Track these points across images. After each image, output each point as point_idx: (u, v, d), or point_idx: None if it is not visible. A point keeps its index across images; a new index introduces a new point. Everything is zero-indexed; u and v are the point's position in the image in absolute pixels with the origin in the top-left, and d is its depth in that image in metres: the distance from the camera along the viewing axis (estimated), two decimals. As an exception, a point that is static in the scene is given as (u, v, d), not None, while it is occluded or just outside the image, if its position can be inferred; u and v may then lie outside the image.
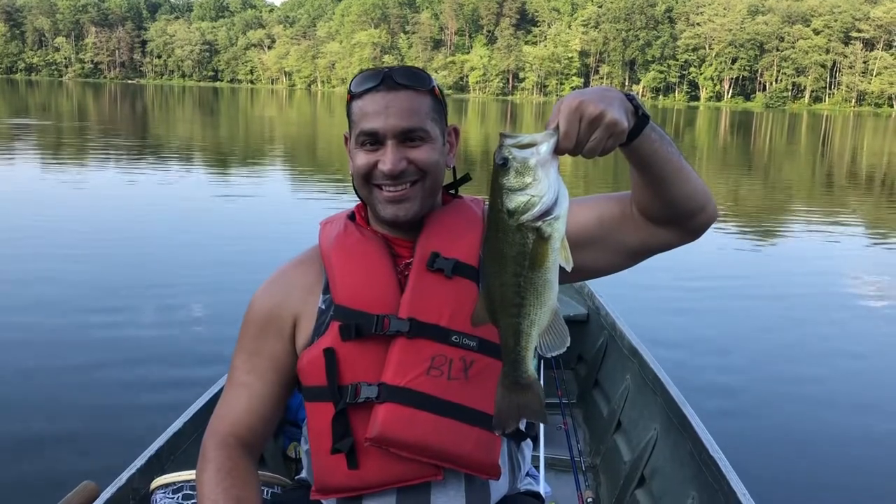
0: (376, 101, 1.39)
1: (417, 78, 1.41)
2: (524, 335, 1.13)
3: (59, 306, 5.94)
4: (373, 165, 1.40)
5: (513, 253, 1.08)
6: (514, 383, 1.19)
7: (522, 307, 1.11)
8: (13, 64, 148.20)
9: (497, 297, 1.12)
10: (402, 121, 1.39)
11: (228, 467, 1.41)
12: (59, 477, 3.12)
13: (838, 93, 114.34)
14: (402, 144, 1.40)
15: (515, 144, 1.06)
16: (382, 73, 1.40)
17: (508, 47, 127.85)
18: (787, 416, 4.49)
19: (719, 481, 2.06)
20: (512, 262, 1.08)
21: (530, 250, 1.07)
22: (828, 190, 17.22)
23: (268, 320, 1.50)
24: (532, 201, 1.05)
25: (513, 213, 1.06)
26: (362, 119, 1.40)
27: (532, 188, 1.05)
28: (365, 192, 1.46)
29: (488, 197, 1.11)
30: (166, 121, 36.41)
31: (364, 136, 1.40)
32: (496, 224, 1.08)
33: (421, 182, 1.43)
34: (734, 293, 7.22)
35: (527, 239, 1.06)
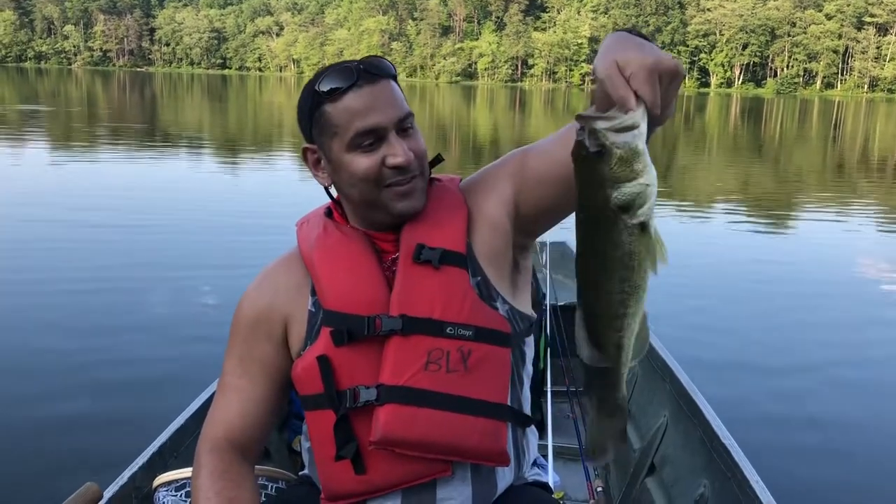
0: (364, 97, 1.31)
1: (386, 66, 1.35)
2: (625, 350, 1.01)
3: (60, 300, 5.92)
4: (380, 164, 1.33)
5: (619, 255, 0.94)
6: (611, 407, 1.10)
7: (626, 317, 0.99)
8: (22, 52, 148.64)
9: (602, 311, 0.99)
10: (397, 109, 1.33)
11: (221, 470, 1.39)
12: (61, 478, 3.12)
13: (850, 79, 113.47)
14: (400, 135, 1.35)
15: (612, 127, 0.90)
16: (355, 68, 1.32)
17: (517, 33, 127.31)
18: (799, 403, 4.47)
19: (731, 469, 2.04)
20: (619, 266, 0.95)
21: (638, 249, 0.93)
22: (839, 176, 17.10)
23: (257, 323, 1.45)
24: (648, 192, 0.91)
25: (627, 208, 0.91)
26: (354, 119, 1.31)
27: (645, 176, 0.90)
28: (372, 196, 1.37)
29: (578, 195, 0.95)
30: (175, 108, 36.51)
31: (362, 136, 1.32)
32: (596, 224, 0.94)
33: (421, 174, 1.39)
34: (744, 279, 7.19)
35: (634, 236, 0.92)
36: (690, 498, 2.24)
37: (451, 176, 1.55)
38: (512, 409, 1.40)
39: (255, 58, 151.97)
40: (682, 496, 2.32)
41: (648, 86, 0.94)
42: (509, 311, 1.41)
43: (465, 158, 16.84)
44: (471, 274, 1.38)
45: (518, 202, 1.41)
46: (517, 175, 1.40)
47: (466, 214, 1.43)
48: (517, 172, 1.40)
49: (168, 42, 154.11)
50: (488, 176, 1.48)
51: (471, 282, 1.38)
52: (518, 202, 1.41)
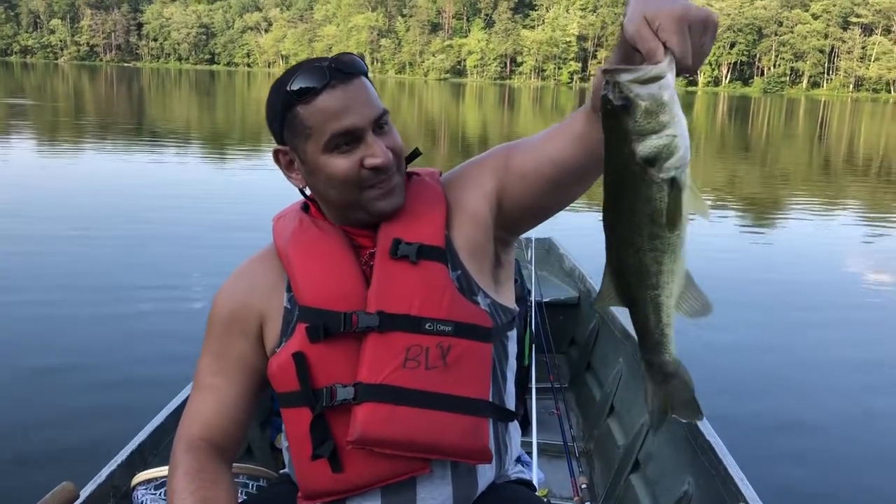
0: (338, 98, 1.28)
1: (358, 64, 1.32)
2: (664, 308, 0.99)
3: (39, 298, 5.86)
4: (358, 166, 1.30)
5: (648, 211, 0.92)
6: (659, 372, 1.07)
7: (661, 275, 0.96)
8: (8, 46, 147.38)
9: (632, 267, 0.97)
10: (372, 109, 1.31)
11: (196, 469, 1.36)
12: (36, 478, 3.08)
13: (836, 78, 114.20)
14: (376, 134, 1.32)
15: (636, 79, 0.88)
16: (327, 68, 1.29)
17: (506, 31, 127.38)
18: (783, 400, 4.49)
19: (716, 466, 2.04)
20: (648, 222, 0.92)
21: (668, 205, 0.91)
22: (825, 175, 17.21)
23: (232, 320, 1.43)
24: (675, 143, 0.89)
25: (653, 161, 0.89)
26: (329, 120, 1.28)
27: (672, 128, 0.88)
28: (351, 197, 1.35)
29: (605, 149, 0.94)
30: (162, 104, 36.28)
31: (338, 137, 1.29)
32: (622, 180, 0.92)
33: (398, 171, 1.37)
34: (729, 277, 7.20)
35: (664, 191, 0.90)
36: (674, 495, 2.24)
37: (430, 169, 1.53)
38: (493, 404, 1.39)
39: (243, 53, 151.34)
40: (666, 493, 2.32)
41: (677, 36, 0.92)
42: (491, 305, 1.39)
43: (454, 155, 16.82)
44: (450, 268, 1.37)
45: (500, 197, 1.39)
46: (500, 170, 1.39)
47: (445, 208, 1.41)
48: (501, 167, 1.39)
49: (156, 37, 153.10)
50: (471, 169, 1.46)
51: (450, 276, 1.36)
52: (500, 197, 1.39)
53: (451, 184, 1.46)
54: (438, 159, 14.74)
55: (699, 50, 0.96)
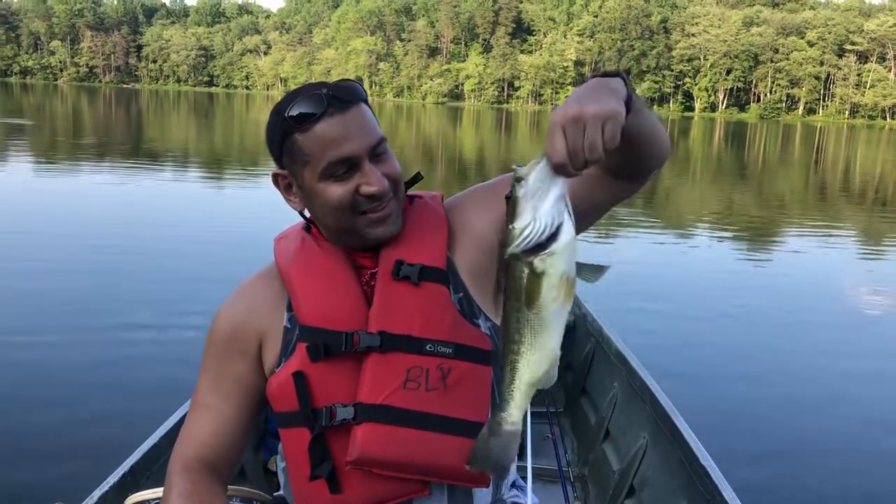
0: (335, 126, 1.29)
1: (357, 91, 1.33)
2: (518, 374, 1.09)
3: (37, 315, 5.87)
4: (353, 193, 1.31)
5: (512, 286, 1.04)
6: (497, 425, 1.15)
7: (520, 344, 1.07)
8: (8, 67, 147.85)
9: (502, 327, 1.09)
10: (369, 137, 1.31)
11: (190, 491, 1.34)
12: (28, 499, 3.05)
13: (832, 105, 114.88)
14: (373, 162, 1.33)
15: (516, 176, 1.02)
16: (325, 96, 1.30)
17: (504, 56, 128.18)
18: (780, 425, 4.48)
19: (711, 491, 2.02)
20: (511, 296, 1.05)
21: (523, 285, 1.03)
22: (821, 201, 17.27)
23: (231, 339, 1.42)
24: (513, 234, 1.01)
25: (500, 244, 1.05)
26: (326, 149, 1.29)
27: (518, 220, 1.01)
28: (347, 223, 1.35)
29: None
30: (161, 125, 36.38)
31: (336, 165, 1.30)
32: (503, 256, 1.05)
33: (395, 198, 1.37)
34: (726, 302, 7.22)
35: (521, 273, 1.02)
36: None
37: (432, 193, 1.53)
38: None
39: (242, 76, 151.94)
40: None
41: (548, 139, 1.01)
42: (491, 328, 1.38)
43: (451, 178, 16.88)
44: (452, 290, 1.37)
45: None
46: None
47: (447, 230, 1.41)
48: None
49: (155, 59, 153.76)
50: (478, 194, 1.48)
51: (452, 298, 1.36)
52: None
53: (458, 207, 1.47)
54: (436, 182, 14.78)
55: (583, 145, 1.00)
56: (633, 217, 12.16)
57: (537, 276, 1.02)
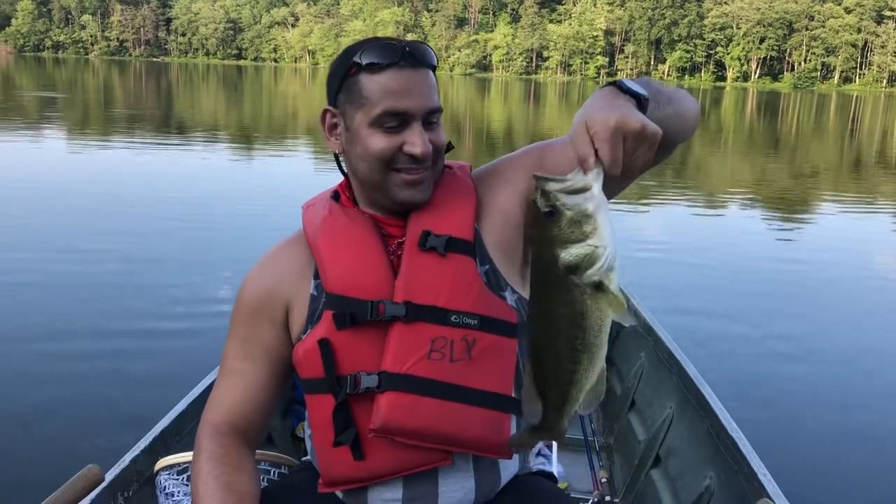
0: (401, 79, 1.29)
1: (431, 55, 1.35)
2: (571, 402, 1.03)
3: (70, 284, 5.96)
4: (397, 148, 1.31)
5: (569, 313, 0.94)
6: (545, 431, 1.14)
7: (575, 373, 0.99)
8: (40, 42, 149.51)
9: (549, 367, 1.00)
10: (429, 100, 1.32)
11: (220, 455, 1.37)
12: (62, 462, 3.13)
13: (869, 73, 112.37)
14: (424, 126, 1.33)
15: (563, 189, 0.92)
16: (401, 49, 1.30)
17: (532, 26, 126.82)
18: (809, 395, 4.45)
19: (738, 461, 2.01)
20: (568, 324, 0.95)
21: (588, 309, 0.94)
22: (857, 172, 16.94)
23: (259, 306, 1.44)
24: (596, 254, 0.91)
25: (573, 268, 0.92)
26: (385, 97, 1.29)
27: (594, 238, 0.91)
28: (378, 177, 1.35)
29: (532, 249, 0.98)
30: (191, 98, 36.61)
31: (388, 116, 1.30)
32: (545, 282, 0.95)
33: (433, 166, 1.37)
34: (756, 274, 7.14)
35: (584, 296, 0.93)
36: (696, 490, 2.22)
37: (461, 163, 1.53)
38: (516, 400, 1.37)
39: (270, 48, 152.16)
40: (687, 488, 2.30)
41: (608, 146, 0.96)
42: (518, 301, 1.38)
43: (479, 150, 16.82)
44: (478, 262, 1.36)
45: None
46: (534, 168, 1.36)
47: (475, 202, 1.41)
48: (534, 166, 1.37)
49: (184, 32, 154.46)
50: (504, 167, 1.46)
51: (478, 270, 1.36)
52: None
53: (484, 179, 1.46)
54: (465, 153, 14.73)
55: (632, 161, 0.98)
56: (663, 187, 12.04)
57: (603, 293, 0.93)
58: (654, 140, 1.01)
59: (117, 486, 1.82)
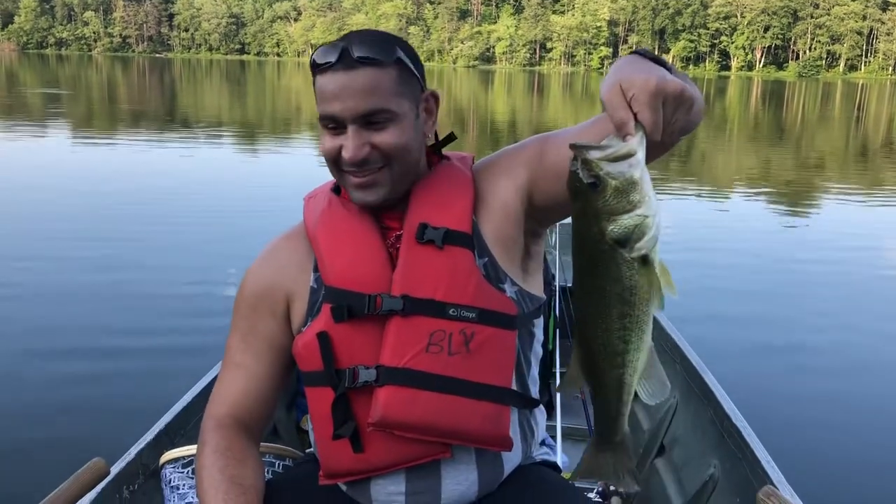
0: (334, 81, 1.28)
1: (379, 50, 1.29)
2: (627, 387, 0.98)
3: (76, 278, 5.99)
4: (338, 150, 1.32)
5: (618, 290, 0.90)
6: (607, 442, 1.08)
7: (627, 353, 0.94)
8: (43, 39, 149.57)
9: (600, 346, 0.95)
10: (360, 103, 1.28)
11: (224, 447, 1.37)
12: (68, 455, 3.14)
13: (875, 61, 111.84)
14: (365, 128, 1.30)
15: (606, 157, 0.86)
16: (340, 48, 1.28)
17: (535, 17, 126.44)
18: (813, 384, 4.44)
19: (742, 449, 2.02)
20: (618, 301, 0.91)
21: (638, 283, 0.89)
22: (862, 160, 16.86)
23: (260, 299, 1.44)
24: (647, 223, 0.87)
25: (624, 242, 0.87)
26: (322, 101, 1.30)
27: (643, 207, 0.86)
28: (336, 176, 1.38)
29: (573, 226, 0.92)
30: (194, 93, 36.62)
31: (325, 118, 1.31)
32: (592, 258, 0.90)
33: (388, 167, 1.34)
34: (761, 263, 7.12)
35: (633, 270, 0.89)
36: (700, 478, 2.22)
37: (462, 154, 1.52)
38: (515, 392, 1.38)
39: (273, 43, 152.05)
40: (691, 476, 2.31)
41: (649, 109, 0.91)
42: (517, 293, 1.37)
43: (483, 142, 16.79)
44: (477, 255, 1.36)
45: (532, 190, 1.37)
46: (534, 162, 1.36)
47: (473, 194, 1.40)
48: (535, 159, 1.36)
49: (187, 28, 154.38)
50: (504, 159, 1.44)
51: (477, 262, 1.35)
52: (532, 190, 1.37)
53: (484, 171, 1.45)
54: (468, 146, 14.71)
55: (671, 125, 0.94)
56: (668, 178, 12.01)
57: (651, 267, 0.89)
58: (691, 103, 0.96)
59: (123, 479, 1.83)
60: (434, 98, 1.42)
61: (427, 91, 1.40)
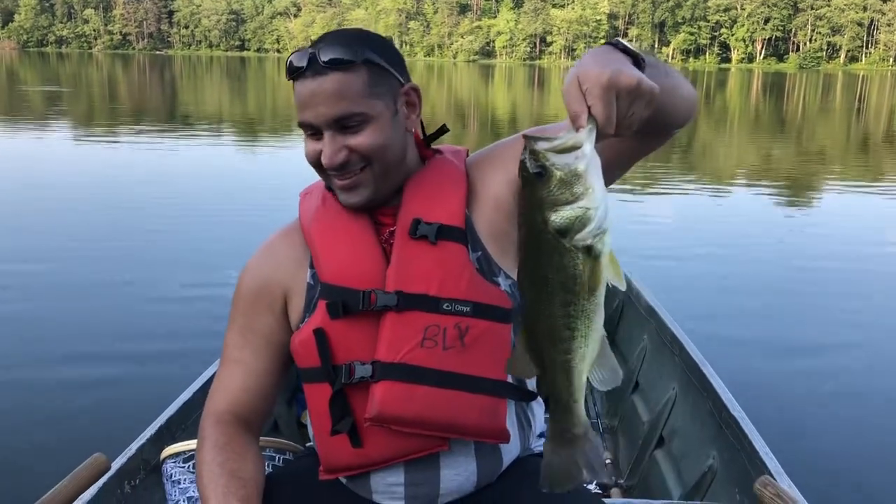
0: (305, 88, 1.29)
1: (347, 51, 1.29)
2: (576, 373, 0.97)
3: (74, 274, 6.01)
4: (319, 154, 1.33)
5: (561, 278, 0.91)
6: (566, 434, 1.04)
7: (573, 340, 0.95)
8: (44, 37, 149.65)
9: (543, 332, 0.96)
10: (331, 109, 1.29)
11: (224, 442, 1.38)
12: (69, 451, 3.16)
13: (875, 52, 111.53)
14: (340, 133, 1.31)
15: (552, 149, 0.87)
16: (309, 55, 1.30)
17: (535, 11, 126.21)
18: (811, 376, 4.43)
19: (740, 440, 2.03)
20: (560, 289, 0.91)
21: (582, 273, 0.90)
22: (864, 152, 16.83)
23: (258, 295, 1.45)
24: (588, 215, 0.87)
25: (564, 232, 0.88)
26: (298, 108, 1.32)
27: (585, 199, 0.87)
28: (323, 178, 1.41)
29: (520, 213, 0.94)
30: (195, 90, 36.61)
31: (303, 125, 1.33)
32: (537, 246, 0.91)
33: (369, 167, 1.35)
34: (762, 257, 7.11)
35: (577, 260, 0.89)
36: (699, 470, 2.23)
37: (456, 148, 1.52)
38: (512, 385, 1.38)
39: (273, 39, 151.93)
40: (690, 468, 2.32)
41: (601, 102, 0.91)
42: (512, 286, 1.38)
43: (483, 136, 16.77)
44: (470, 249, 1.36)
45: None
46: None
47: (466, 188, 1.40)
48: None
49: (187, 24, 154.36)
50: (498, 152, 1.45)
51: (470, 256, 1.36)
52: None
53: (477, 165, 1.45)
54: (468, 141, 14.70)
55: (627, 119, 0.94)
56: (668, 171, 12.00)
57: (596, 258, 0.90)
58: (650, 97, 0.96)
59: (124, 474, 1.84)
60: (415, 91, 1.41)
61: (407, 85, 1.39)
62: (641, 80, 0.94)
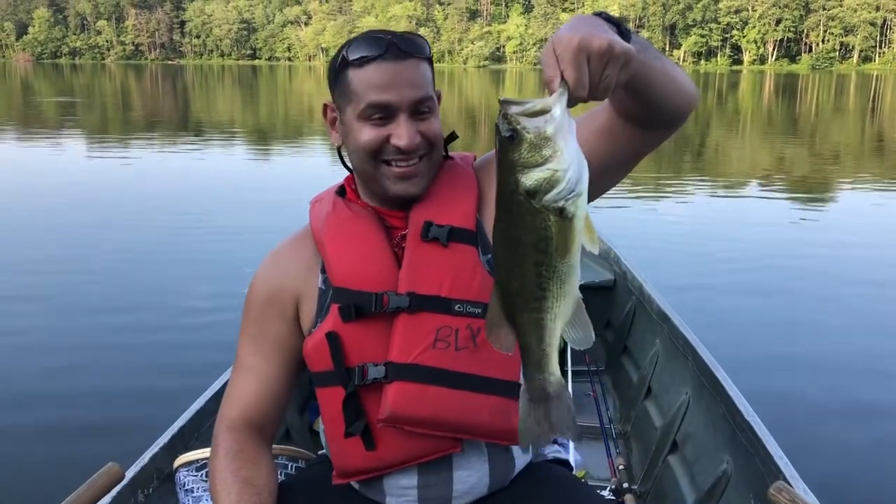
0: (384, 71, 1.30)
1: (419, 45, 1.35)
2: (548, 331, 1.00)
3: (89, 282, 6.05)
4: (384, 140, 1.33)
5: (532, 239, 0.93)
6: (539, 391, 1.06)
7: (545, 300, 0.97)
8: (57, 48, 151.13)
9: (515, 290, 0.98)
10: (413, 92, 1.32)
11: (237, 450, 1.39)
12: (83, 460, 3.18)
13: (889, 51, 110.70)
14: (413, 117, 1.34)
15: (523, 112, 0.90)
16: (386, 41, 1.32)
17: (545, 15, 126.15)
18: (825, 380, 4.39)
19: (755, 445, 2.01)
20: (532, 249, 0.94)
21: (553, 234, 0.92)
22: (878, 153, 16.70)
23: (269, 302, 1.46)
24: (556, 177, 0.89)
25: (533, 193, 0.90)
26: (369, 90, 1.31)
27: (554, 161, 0.89)
28: (370, 169, 1.37)
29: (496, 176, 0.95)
30: (207, 99, 36.82)
31: (373, 108, 1.32)
32: (509, 207, 0.93)
33: (428, 156, 1.38)
34: (775, 260, 7.05)
35: (548, 222, 0.91)
36: (713, 475, 2.22)
37: (463, 154, 1.54)
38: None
39: (284, 48, 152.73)
40: (704, 473, 2.30)
41: (571, 66, 0.91)
42: None
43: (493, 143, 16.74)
44: (481, 251, 1.38)
45: None
46: None
47: (477, 191, 1.42)
48: None
49: (198, 34, 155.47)
50: None
51: (481, 258, 1.37)
52: None
53: (486, 168, 1.46)
54: (478, 147, 14.71)
55: (600, 82, 0.94)
56: (680, 173, 11.96)
57: (569, 220, 0.92)
58: (624, 60, 0.94)
59: (137, 483, 1.85)
60: (439, 97, 1.45)
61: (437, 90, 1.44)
62: (613, 42, 0.92)
